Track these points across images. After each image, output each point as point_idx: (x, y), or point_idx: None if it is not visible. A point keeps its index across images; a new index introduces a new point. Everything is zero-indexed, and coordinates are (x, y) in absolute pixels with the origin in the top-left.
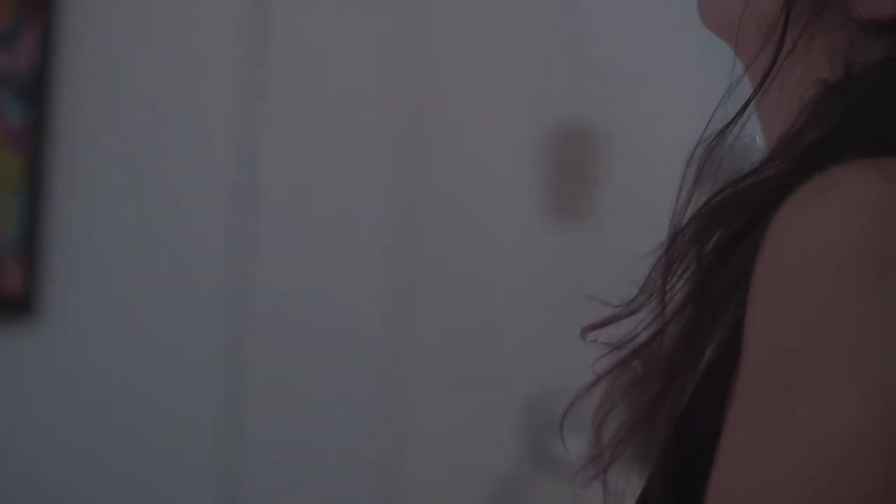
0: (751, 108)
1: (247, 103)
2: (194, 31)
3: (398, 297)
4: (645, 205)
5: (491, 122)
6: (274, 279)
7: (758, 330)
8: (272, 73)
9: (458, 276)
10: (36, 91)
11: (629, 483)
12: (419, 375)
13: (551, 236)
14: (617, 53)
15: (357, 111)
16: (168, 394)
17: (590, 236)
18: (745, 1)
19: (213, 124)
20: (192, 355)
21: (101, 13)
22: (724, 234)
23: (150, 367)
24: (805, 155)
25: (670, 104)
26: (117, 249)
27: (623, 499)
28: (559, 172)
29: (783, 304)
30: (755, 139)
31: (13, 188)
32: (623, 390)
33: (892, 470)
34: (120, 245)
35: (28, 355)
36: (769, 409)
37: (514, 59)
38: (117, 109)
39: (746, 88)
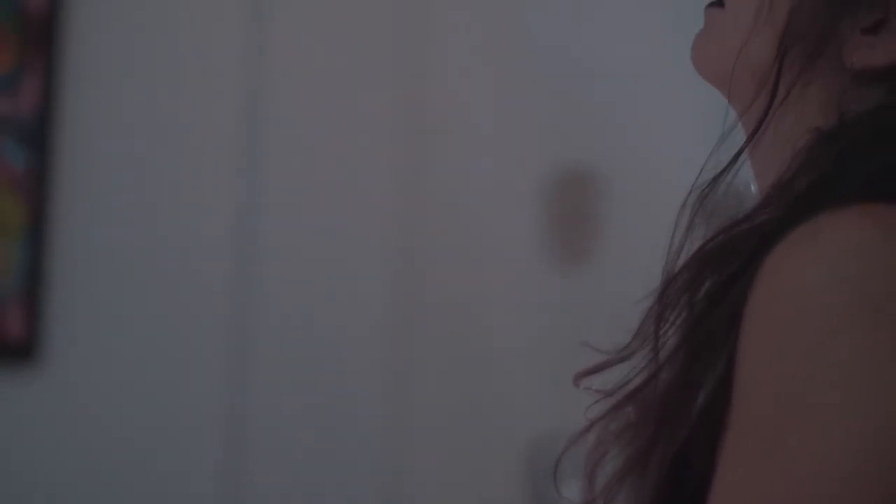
0: (744, 155)
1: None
2: (196, 60)
3: (398, 342)
4: (646, 249)
5: (492, 166)
6: (275, 324)
7: (748, 369)
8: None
9: (459, 320)
10: (38, 136)
11: None
12: (419, 421)
13: (552, 280)
14: (618, 98)
15: (354, 154)
16: (171, 440)
17: (590, 280)
18: (739, 50)
19: (216, 163)
20: (195, 402)
21: (102, 57)
22: (716, 280)
23: (152, 413)
24: (797, 201)
25: (670, 149)
26: (119, 294)
27: None
28: (559, 216)
29: (773, 344)
30: (749, 186)
31: (15, 233)
32: (616, 435)
33: (889, 500)
34: (122, 290)
35: (30, 401)
36: (761, 445)
37: (515, 105)
38: (119, 153)
39: (740, 136)
